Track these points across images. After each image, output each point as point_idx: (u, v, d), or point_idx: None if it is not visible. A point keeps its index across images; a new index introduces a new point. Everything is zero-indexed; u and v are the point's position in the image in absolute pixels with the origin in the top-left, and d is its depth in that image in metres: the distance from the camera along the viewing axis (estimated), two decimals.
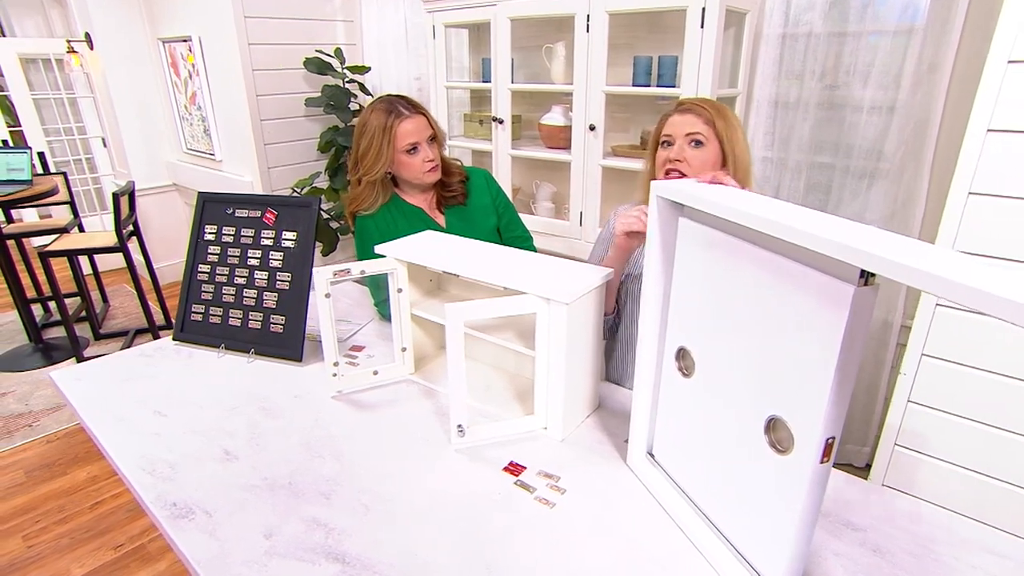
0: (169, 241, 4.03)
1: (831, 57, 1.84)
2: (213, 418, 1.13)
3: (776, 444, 0.69)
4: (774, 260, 0.66)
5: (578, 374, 1.06)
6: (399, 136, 1.36)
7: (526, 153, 2.34)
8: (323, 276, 1.10)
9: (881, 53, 1.71)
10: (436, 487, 0.94)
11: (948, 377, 1.39)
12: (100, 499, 2.16)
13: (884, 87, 1.73)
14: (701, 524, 0.82)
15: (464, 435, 1.02)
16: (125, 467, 1.00)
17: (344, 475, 0.97)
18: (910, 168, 1.75)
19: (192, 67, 3.33)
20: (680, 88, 1.85)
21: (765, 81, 1.99)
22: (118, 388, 1.24)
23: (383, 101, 1.39)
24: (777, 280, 0.66)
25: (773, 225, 0.63)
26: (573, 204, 2.24)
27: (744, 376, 0.73)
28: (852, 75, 1.81)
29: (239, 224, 1.38)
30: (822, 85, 1.88)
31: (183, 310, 1.40)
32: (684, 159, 1.18)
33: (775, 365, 0.68)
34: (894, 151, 1.76)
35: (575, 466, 1.00)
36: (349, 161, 1.46)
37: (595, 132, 2.08)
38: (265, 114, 3.00)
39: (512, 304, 0.98)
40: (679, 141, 1.19)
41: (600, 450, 1.04)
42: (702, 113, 1.18)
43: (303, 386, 1.24)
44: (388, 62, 3.06)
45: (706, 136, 1.17)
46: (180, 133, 3.73)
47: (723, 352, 0.76)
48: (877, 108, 1.76)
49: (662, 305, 0.90)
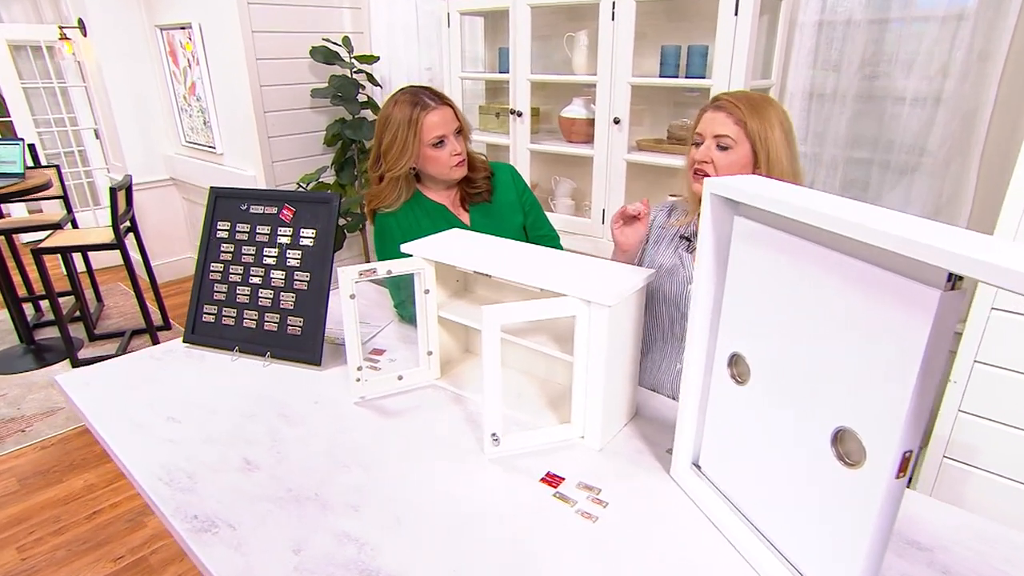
0: (166, 238, 4.04)
1: (871, 45, 1.82)
2: (230, 425, 1.13)
3: (844, 457, 0.68)
4: (846, 262, 0.65)
5: (617, 381, 1.06)
6: (425, 129, 1.36)
7: (546, 147, 2.33)
8: (348, 276, 1.09)
9: (927, 41, 1.69)
10: (471, 498, 0.94)
11: (1002, 385, 1.38)
12: (98, 508, 2.16)
13: (929, 77, 1.71)
14: (756, 541, 0.81)
15: (499, 444, 1.01)
16: (141, 477, 0.99)
17: (373, 485, 0.97)
18: (956, 162, 1.74)
19: (192, 56, 3.33)
20: (712, 79, 1.84)
21: (799, 71, 1.97)
22: (128, 393, 1.24)
23: (407, 92, 1.39)
24: (849, 283, 0.65)
25: (848, 225, 0.62)
26: (595, 201, 2.24)
27: (808, 384, 0.72)
28: (894, 64, 1.79)
29: (254, 221, 1.37)
30: (861, 75, 1.87)
31: (194, 311, 1.40)
32: (711, 161, 1.17)
33: (844, 373, 0.67)
34: (939, 145, 1.75)
35: (616, 477, 0.99)
36: (370, 156, 1.45)
37: (620, 125, 2.07)
38: (269, 105, 3.00)
39: (551, 307, 0.97)
40: (708, 141, 1.19)
41: (640, 460, 1.04)
42: (733, 112, 1.16)
43: (323, 391, 1.24)
44: (398, 51, 3.05)
45: (735, 138, 1.16)
46: (178, 125, 3.73)
47: (783, 358, 0.76)
48: (921, 99, 1.75)
49: (713, 309, 0.89)
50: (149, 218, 3.89)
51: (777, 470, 0.78)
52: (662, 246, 1.34)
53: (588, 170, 2.28)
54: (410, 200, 1.46)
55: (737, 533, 0.84)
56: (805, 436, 0.73)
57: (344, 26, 3.16)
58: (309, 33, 3.01)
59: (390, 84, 3.14)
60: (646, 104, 2.25)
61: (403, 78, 3.08)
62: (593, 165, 2.19)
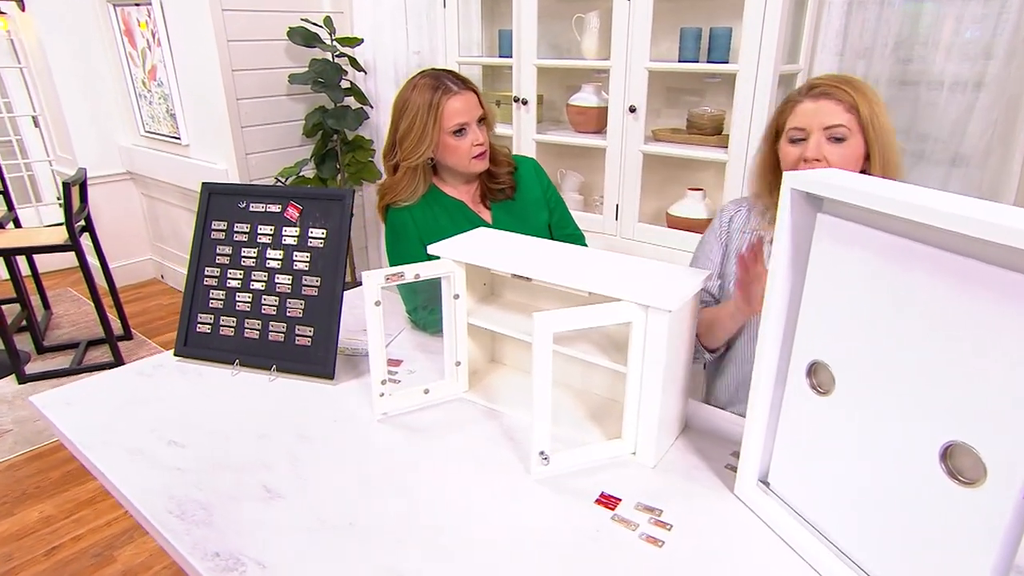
0: (124, 238, 3.93)
1: (906, 27, 1.85)
2: (243, 448, 1.09)
3: (957, 474, 0.68)
4: (962, 264, 0.65)
5: (672, 392, 1.05)
6: (446, 115, 1.33)
7: (555, 138, 2.32)
8: (374, 281, 1.07)
9: (967, 20, 1.72)
10: (523, 525, 0.92)
11: None
12: (57, 543, 2.08)
13: (971, 59, 1.74)
14: (843, 567, 0.81)
15: (548, 463, 1.00)
16: (148, 511, 0.95)
17: (414, 513, 0.94)
18: (997, 153, 1.77)
19: (152, 36, 3.25)
20: (738, 64, 1.84)
21: (827, 55, 1.99)
22: (119, 414, 1.19)
23: (427, 76, 1.36)
24: (964, 286, 0.65)
25: (970, 223, 0.61)
26: (608, 195, 2.23)
27: (909, 394, 0.71)
28: (930, 47, 1.82)
29: (254, 220, 1.34)
30: (895, 59, 1.89)
31: (187, 320, 1.35)
32: (823, 158, 1.12)
33: (958, 383, 0.66)
34: (980, 134, 1.78)
35: (675, 497, 0.98)
36: (384, 146, 1.42)
37: (636, 114, 2.07)
38: (242, 92, 2.94)
39: (605, 313, 0.96)
40: (816, 135, 1.12)
41: (699, 477, 1.03)
42: (844, 98, 1.11)
43: (341, 408, 1.21)
44: (383, 33, 3.01)
45: (849, 127, 1.11)
46: (137, 113, 3.64)
47: (877, 366, 0.75)
48: (961, 84, 1.78)
49: (788, 314, 0.89)
50: (103, 216, 3.78)
51: (870, 489, 0.77)
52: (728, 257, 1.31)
53: (597, 162, 2.28)
54: (426, 195, 1.44)
55: (820, 557, 0.83)
56: (907, 451, 0.72)
57: (324, 5, 3.11)
58: (286, 12, 2.96)
59: (375, 69, 3.10)
60: (663, 91, 2.25)
61: (389, 63, 3.04)
62: (606, 157, 2.18)
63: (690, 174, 2.23)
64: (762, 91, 1.82)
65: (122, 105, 3.74)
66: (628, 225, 2.21)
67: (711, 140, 2.04)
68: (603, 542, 0.89)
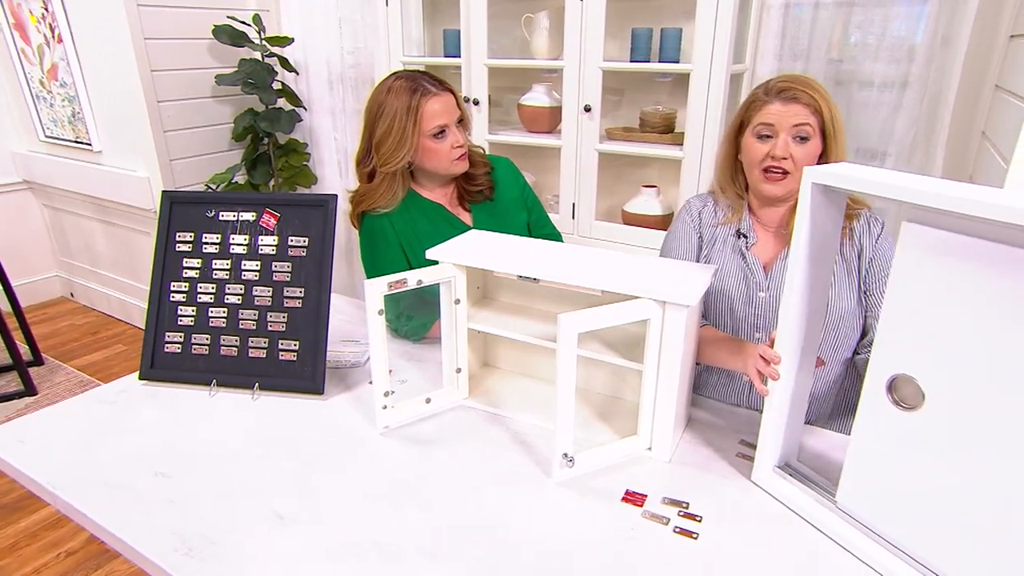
0: (23, 254, 3.57)
1: (838, 29, 1.97)
2: (239, 473, 1.01)
3: None
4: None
5: (685, 387, 1.06)
6: (426, 117, 1.29)
7: (508, 138, 2.31)
8: (376, 288, 1.02)
9: (892, 23, 1.85)
10: (556, 531, 0.90)
11: None
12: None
13: (896, 60, 1.88)
14: (870, 543, 0.84)
15: (573, 465, 0.99)
16: (150, 552, 0.87)
17: (439, 527, 0.91)
18: (921, 148, 1.92)
19: (51, 31, 2.97)
20: (691, 64, 1.90)
21: (766, 56, 2.09)
22: (87, 448, 1.08)
23: (403, 77, 1.31)
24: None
25: None
26: (564, 194, 2.24)
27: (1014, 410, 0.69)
28: (859, 48, 1.94)
29: (225, 230, 1.25)
30: (828, 59, 2.01)
31: (152, 340, 1.24)
32: (789, 156, 1.17)
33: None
34: (906, 130, 1.92)
35: (698, 488, 1.00)
36: (357, 152, 1.36)
37: (590, 114, 2.09)
38: (164, 94, 2.73)
39: (625, 311, 0.96)
40: (784, 134, 1.17)
41: (714, 467, 1.05)
42: (810, 102, 1.16)
43: (336, 424, 1.15)
44: (315, 32, 2.90)
45: (813, 128, 1.17)
46: (34, 116, 3.32)
47: (975, 382, 0.72)
48: (889, 84, 1.91)
49: (807, 316, 0.91)
50: None
51: (963, 508, 0.75)
52: (716, 245, 1.32)
53: (549, 162, 2.28)
54: (403, 199, 1.39)
55: (845, 535, 0.87)
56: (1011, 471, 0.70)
57: (249, 3, 2.95)
58: (210, 9, 2.78)
59: (306, 70, 2.98)
60: (613, 91, 2.28)
61: (322, 63, 2.92)
62: (561, 156, 2.19)
63: (641, 171, 2.28)
64: (716, 89, 1.89)
65: (15, 107, 3.40)
66: (585, 223, 2.24)
67: (664, 138, 2.09)
68: (641, 540, 0.89)
